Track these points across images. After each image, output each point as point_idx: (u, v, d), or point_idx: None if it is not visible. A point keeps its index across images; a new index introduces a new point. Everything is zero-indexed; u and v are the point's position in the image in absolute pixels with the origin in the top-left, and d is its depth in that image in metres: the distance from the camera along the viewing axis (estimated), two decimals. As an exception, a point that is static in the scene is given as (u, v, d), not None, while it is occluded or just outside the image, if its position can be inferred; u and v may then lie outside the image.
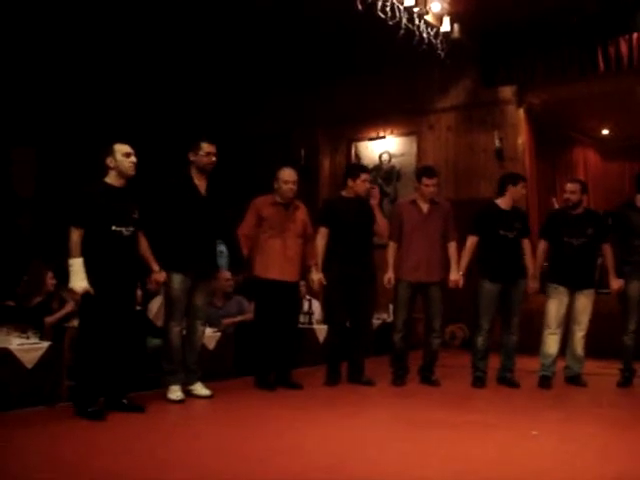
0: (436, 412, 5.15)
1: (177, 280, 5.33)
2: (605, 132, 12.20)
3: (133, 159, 4.85)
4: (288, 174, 6.00)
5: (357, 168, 6.96)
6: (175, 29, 9.08)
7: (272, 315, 5.95)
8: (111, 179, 4.84)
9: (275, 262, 5.93)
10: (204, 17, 8.81)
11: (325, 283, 6.14)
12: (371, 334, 6.83)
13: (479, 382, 6.25)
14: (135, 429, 4.42)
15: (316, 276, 6.12)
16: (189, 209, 5.41)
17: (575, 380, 6.36)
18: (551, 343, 6.30)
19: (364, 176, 6.34)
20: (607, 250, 6.40)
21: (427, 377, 6.35)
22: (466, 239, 6.32)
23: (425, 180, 6.29)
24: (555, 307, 6.29)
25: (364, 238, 6.27)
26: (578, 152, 12.41)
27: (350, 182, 6.30)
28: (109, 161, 4.81)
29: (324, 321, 7.51)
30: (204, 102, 11.00)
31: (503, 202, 6.35)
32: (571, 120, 11.41)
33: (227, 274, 5.90)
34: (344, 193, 6.38)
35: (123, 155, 4.82)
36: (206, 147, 5.50)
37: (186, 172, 5.53)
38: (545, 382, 6.26)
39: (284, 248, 5.96)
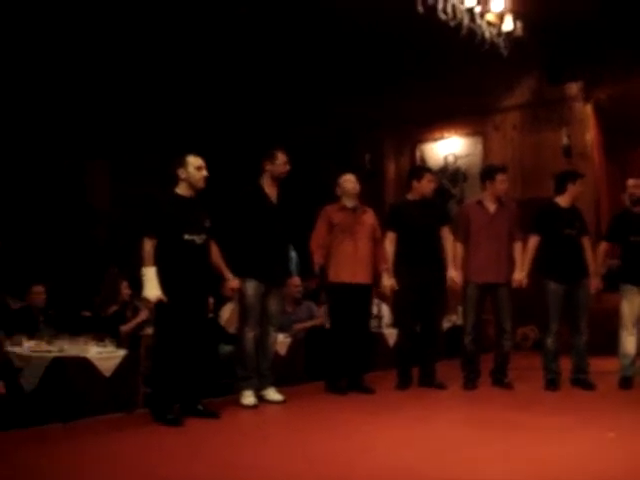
0: (510, 415, 5.09)
1: (251, 286, 5.41)
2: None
3: (204, 173, 4.94)
4: (347, 176, 6.14)
5: (420, 169, 7.00)
6: (240, 36, 9.20)
7: (346, 319, 5.99)
8: (181, 190, 4.94)
9: (347, 265, 5.97)
10: (270, 22, 8.92)
11: (397, 288, 6.16)
12: (441, 337, 6.80)
13: (552, 384, 6.15)
14: (210, 434, 4.49)
15: (388, 282, 6.13)
16: (262, 217, 5.50)
17: (652, 380, 6.23)
18: (629, 343, 6.17)
19: (428, 176, 6.37)
20: None
21: (499, 380, 6.29)
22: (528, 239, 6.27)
23: (500, 176, 6.27)
24: (629, 307, 6.17)
25: (432, 240, 6.25)
26: (649, 148, 12.09)
27: (415, 183, 6.31)
28: (180, 172, 4.91)
29: (394, 325, 7.51)
30: (270, 109, 11.10)
31: (563, 200, 6.26)
32: (640, 115, 11.14)
33: (297, 280, 5.95)
34: (409, 196, 6.38)
35: (195, 168, 4.91)
36: (281, 156, 5.59)
37: (257, 181, 5.63)
38: (626, 383, 6.14)
39: (355, 250, 6.00)
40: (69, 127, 9.56)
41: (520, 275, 6.17)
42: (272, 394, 5.58)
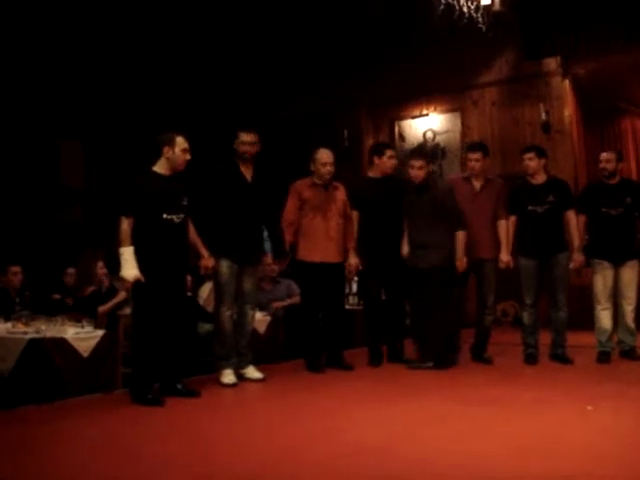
0: (489, 390, 5.11)
1: (225, 265, 5.38)
2: (654, 100, 11.92)
3: (188, 157, 4.91)
4: (326, 155, 5.99)
5: (381, 145, 6.89)
6: (220, 17, 9.10)
7: (318, 298, 5.98)
8: (160, 168, 4.88)
9: (318, 244, 5.94)
10: (250, 3, 8.82)
11: (361, 268, 6.13)
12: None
13: (531, 359, 6.18)
14: (190, 413, 4.47)
15: (353, 260, 6.07)
16: (235, 196, 5.45)
17: (629, 354, 6.25)
18: (604, 318, 6.19)
19: (389, 152, 6.29)
20: None
21: (479, 355, 6.31)
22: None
23: (468, 154, 6.25)
24: (601, 282, 6.19)
25: (396, 217, 6.15)
26: (626, 122, 12.14)
27: (376, 160, 6.25)
28: (166, 150, 4.85)
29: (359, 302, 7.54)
30: (248, 85, 10.99)
31: (535, 178, 6.19)
32: (618, 90, 11.15)
33: (269, 259, 5.89)
34: (370, 174, 6.35)
35: (181, 150, 4.87)
36: (243, 136, 5.51)
37: (233, 160, 5.57)
38: (604, 358, 6.15)
39: (327, 229, 5.97)
40: (42, 107, 9.41)
41: (507, 257, 6.12)
42: (252, 372, 5.58)
